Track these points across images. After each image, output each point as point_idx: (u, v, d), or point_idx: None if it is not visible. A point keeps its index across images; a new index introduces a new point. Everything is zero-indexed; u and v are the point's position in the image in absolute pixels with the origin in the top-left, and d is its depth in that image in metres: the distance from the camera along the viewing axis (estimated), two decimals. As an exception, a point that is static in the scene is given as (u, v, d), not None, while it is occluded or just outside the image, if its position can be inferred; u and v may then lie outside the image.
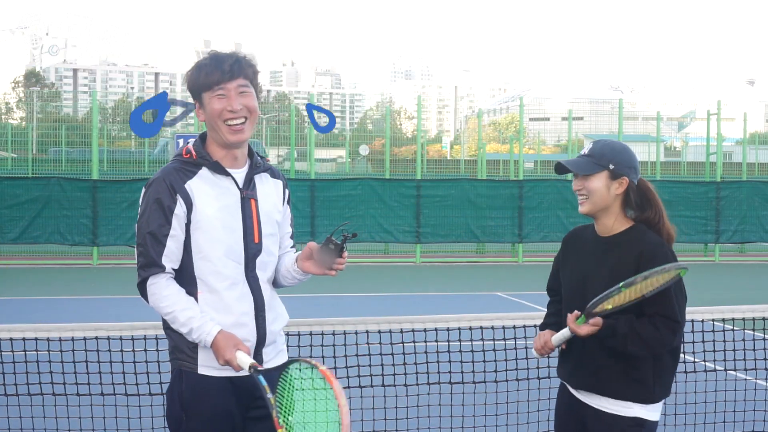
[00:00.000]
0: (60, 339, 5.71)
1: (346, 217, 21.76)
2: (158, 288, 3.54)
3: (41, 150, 31.19)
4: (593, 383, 3.83)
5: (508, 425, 6.27)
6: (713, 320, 6.14)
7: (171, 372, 3.67)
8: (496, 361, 6.06)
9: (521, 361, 6.03)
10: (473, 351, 6.09)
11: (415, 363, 6.02)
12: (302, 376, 3.36)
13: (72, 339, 5.63)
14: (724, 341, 6.44)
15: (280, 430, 3.31)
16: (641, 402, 3.78)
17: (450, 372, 6.02)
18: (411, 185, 22.49)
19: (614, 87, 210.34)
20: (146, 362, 5.79)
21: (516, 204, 22.80)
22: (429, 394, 6.13)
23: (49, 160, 28.10)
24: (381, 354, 6.07)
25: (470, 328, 5.83)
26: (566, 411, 4.01)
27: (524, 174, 27.41)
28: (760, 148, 35.07)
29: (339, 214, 21.81)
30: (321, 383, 3.28)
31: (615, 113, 27.53)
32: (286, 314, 3.81)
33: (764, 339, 6.61)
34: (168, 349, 3.68)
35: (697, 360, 6.58)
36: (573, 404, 3.95)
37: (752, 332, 6.65)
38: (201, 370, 3.56)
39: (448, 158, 52.37)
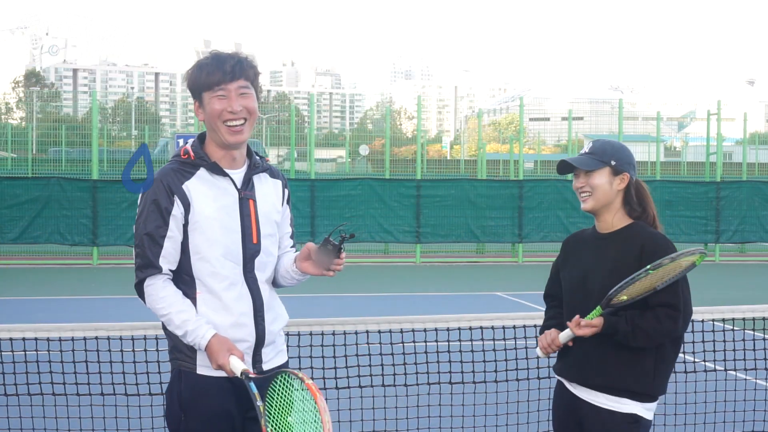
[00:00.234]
0: (60, 339, 5.71)
1: (346, 217, 21.76)
2: (155, 289, 3.54)
3: (41, 150, 31.17)
4: (590, 379, 3.85)
5: (508, 425, 6.27)
6: (713, 320, 6.14)
7: (170, 372, 3.67)
8: (496, 361, 6.06)
9: (521, 361, 6.03)
10: (473, 351, 6.09)
11: (415, 363, 6.02)
12: (290, 388, 3.36)
13: (72, 339, 5.63)
14: (724, 341, 6.43)
15: None
16: (640, 394, 3.80)
17: (450, 372, 6.01)
18: (411, 185, 22.49)
19: (614, 87, 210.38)
20: (146, 362, 5.78)
21: (516, 204, 22.80)
22: (429, 394, 6.13)
23: (49, 160, 28.09)
24: (381, 354, 6.07)
25: (470, 328, 5.83)
26: (563, 409, 4.02)
27: (524, 174, 27.41)
28: (760, 148, 35.04)
29: (339, 214, 21.80)
30: (307, 397, 3.29)
31: (615, 113, 27.52)
32: (286, 314, 3.81)
33: (764, 339, 6.61)
34: (167, 349, 3.68)
35: (697, 360, 6.58)
36: (570, 401, 3.96)
37: (752, 332, 6.65)
38: (200, 370, 3.56)
39: (448, 158, 52.33)
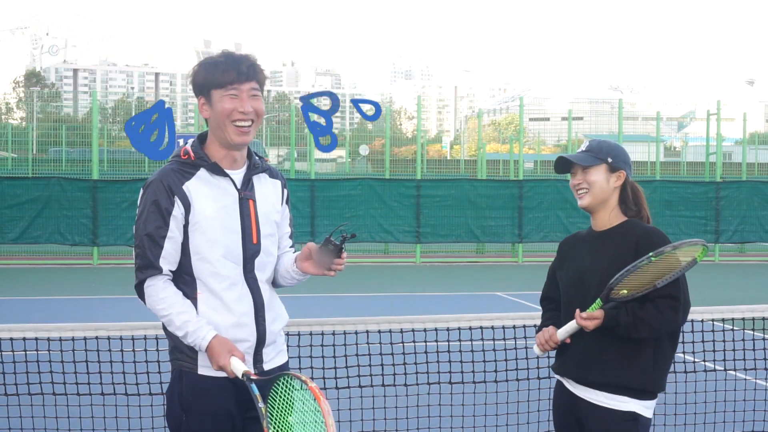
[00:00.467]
0: (60, 339, 5.71)
1: (346, 217, 21.76)
2: (155, 290, 3.54)
3: (41, 150, 31.19)
4: (589, 377, 3.84)
5: (508, 425, 6.27)
6: (713, 320, 6.14)
7: (171, 372, 3.67)
8: (496, 361, 6.06)
9: (521, 361, 6.03)
10: (473, 351, 6.09)
11: (415, 363, 6.02)
12: (292, 390, 3.36)
13: (72, 339, 5.63)
14: (724, 341, 6.43)
15: None
16: (639, 391, 3.80)
17: (450, 372, 6.01)
18: (411, 185, 22.50)
19: (614, 87, 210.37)
20: (146, 362, 5.79)
21: (516, 204, 22.80)
22: (429, 394, 6.13)
23: (49, 160, 28.11)
24: (381, 354, 6.07)
25: (470, 328, 5.83)
26: (563, 408, 4.02)
27: (524, 174, 27.41)
28: (760, 148, 35.08)
29: (339, 214, 21.81)
30: (310, 399, 3.28)
31: (615, 113, 27.53)
32: (286, 314, 3.81)
33: (764, 339, 6.61)
34: (168, 350, 3.68)
35: (697, 360, 6.58)
36: (569, 400, 3.96)
37: (752, 332, 6.65)
38: (201, 371, 3.56)
39: (448, 158, 52.37)
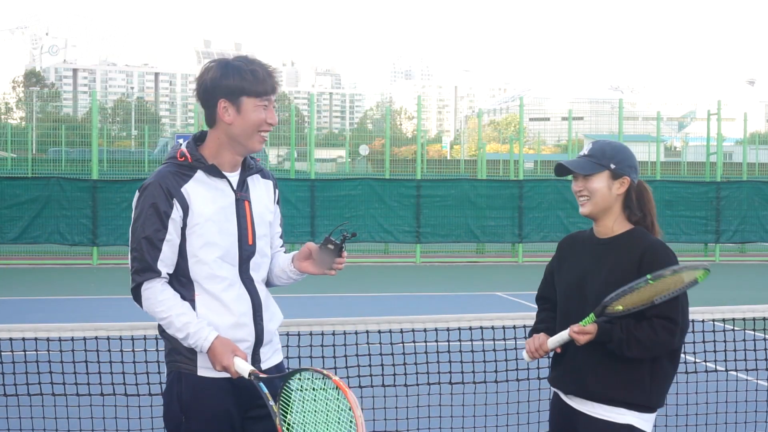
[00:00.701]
0: (60, 339, 5.71)
1: (346, 218, 21.76)
2: (153, 293, 3.54)
3: (41, 150, 31.19)
4: (586, 389, 3.74)
5: (509, 425, 6.27)
6: (713, 320, 6.13)
7: (167, 374, 3.66)
8: (496, 361, 6.05)
9: (521, 361, 6.01)
10: (473, 351, 6.09)
11: (415, 363, 6.02)
12: (313, 386, 3.35)
13: (72, 339, 5.63)
14: (725, 341, 6.43)
15: None
16: (637, 406, 3.69)
17: (450, 372, 6.01)
18: (411, 185, 22.50)
19: (614, 87, 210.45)
20: (146, 362, 5.79)
21: (516, 204, 22.80)
22: (429, 394, 6.13)
23: (49, 160, 28.12)
24: (381, 354, 6.07)
25: (470, 328, 5.82)
26: (560, 421, 3.91)
27: (524, 174, 27.41)
28: (760, 148, 35.04)
29: (339, 214, 21.81)
30: (334, 394, 3.27)
31: (615, 113, 27.53)
32: (281, 314, 3.83)
33: (764, 339, 6.61)
34: (164, 352, 3.68)
35: (698, 360, 6.57)
36: (566, 413, 3.85)
37: (752, 332, 6.64)
38: (200, 372, 3.56)
39: (448, 158, 52.37)
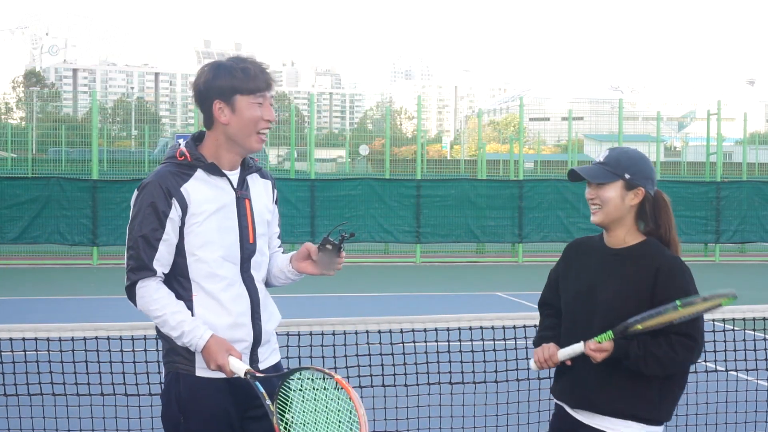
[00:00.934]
0: (60, 339, 5.71)
1: (346, 218, 21.76)
2: (148, 291, 3.53)
3: (41, 150, 31.19)
4: (593, 402, 3.65)
5: (509, 425, 6.27)
6: (713, 320, 6.13)
7: (166, 375, 3.66)
8: (496, 361, 6.05)
9: (521, 361, 6.02)
10: (473, 351, 6.09)
11: (415, 363, 6.01)
12: (314, 386, 3.34)
13: (72, 339, 5.63)
14: (725, 341, 6.43)
15: None
16: (645, 422, 3.63)
17: (450, 372, 6.01)
18: (411, 185, 22.50)
19: (614, 87, 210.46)
20: (146, 362, 5.78)
21: (516, 204, 22.80)
22: (429, 394, 6.12)
23: (49, 160, 28.12)
24: (381, 354, 6.06)
25: (470, 328, 5.82)
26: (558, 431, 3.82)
27: (524, 174, 27.41)
28: (760, 148, 35.05)
29: (339, 214, 21.81)
30: (336, 393, 3.26)
31: (615, 113, 27.52)
32: (279, 314, 3.82)
33: (764, 339, 6.61)
34: (162, 352, 3.67)
35: (698, 360, 6.57)
36: (570, 426, 3.75)
37: (752, 332, 6.64)
38: (198, 372, 3.55)
39: (448, 158, 52.37)
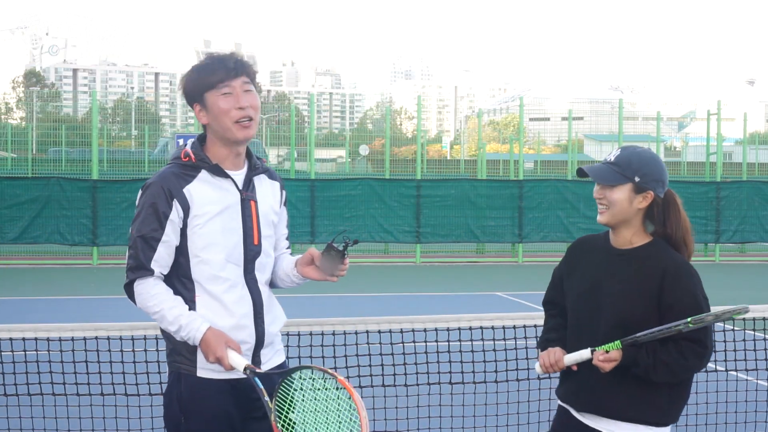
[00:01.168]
0: (60, 339, 5.70)
1: (346, 218, 21.76)
2: (145, 288, 3.53)
3: (41, 150, 31.19)
4: (601, 405, 3.61)
5: (509, 425, 6.26)
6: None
7: (168, 374, 3.66)
8: (496, 361, 6.05)
9: (521, 361, 6.02)
10: (473, 351, 6.09)
11: (415, 363, 6.01)
12: (314, 385, 3.33)
13: (72, 339, 5.63)
14: (725, 341, 6.43)
15: None
16: (653, 425, 3.58)
17: (450, 372, 6.01)
18: (411, 185, 22.50)
19: (614, 87, 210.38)
20: (146, 362, 5.78)
21: (516, 204, 22.80)
22: (429, 394, 6.12)
23: (49, 160, 28.10)
24: (381, 354, 6.06)
25: (470, 328, 5.82)
26: None
27: (524, 174, 27.41)
28: (760, 148, 35.05)
29: (339, 214, 21.81)
30: (336, 393, 3.26)
31: (615, 113, 27.52)
32: (284, 315, 3.80)
33: (764, 339, 6.60)
34: (166, 352, 3.67)
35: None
36: (575, 429, 3.70)
37: (752, 332, 6.63)
38: (200, 373, 3.55)
39: (448, 158, 52.35)
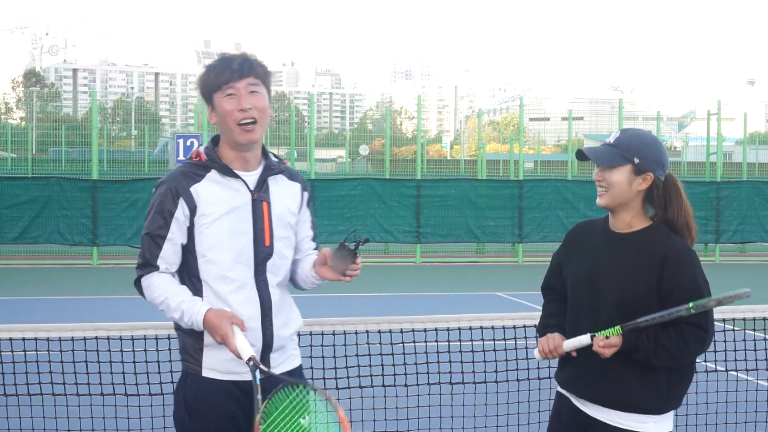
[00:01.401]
0: (60, 339, 5.70)
1: (346, 218, 21.76)
2: (150, 281, 3.55)
3: (41, 150, 31.21)
4: (602, 394, 3.57)
5: (509, 425, 6.26)
6: (713, 320, 6.12)
7: (181, 373, 3.67)
8: (497, 361, 6.04)
9: (521, 361, 6.02)
10: (473, 351, 6.08)
11: (415, 363, 6.01)
12: (316, 409, 3.32)
13: (72, 339, 5.62)
14: (725, 341, 6.42)
15: None
16: (653, 413, 3.56)
17: (450, 372, 6.00)
18: (411, 185, 22.50)
19: (614, 87, 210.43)
20: (146, 362, 5.77)
21: (516, 204, 22.80)
22: (429, 395, 6.12)
23: (49, 160, 28.13)
24: (381, 354, 6.05)
25: (470, 328, 5.81)
26: (567, 423, 3.71)
27: (524, 174, 27.41)
28: (760, 148, 35.07)
29: (339, 214, 21.80)
30: (332, 417, 3.26)
31: (615, 113, 27.53)
32: (299, 319, 3.76)
33: (764, 339, 6.60)
34: (178, 350, 3.68)
35: (698, 360, 6.56)
36: (574, 417, 3.66)
37: (752, 332, 6.63)
38: (205, 373, 3.55)
39: (448, 158, 52.37)
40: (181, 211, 3.53)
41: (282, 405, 3.34)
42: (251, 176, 3.61)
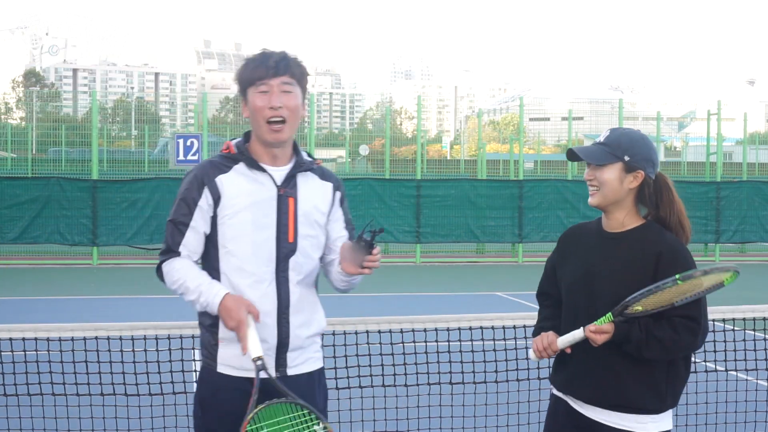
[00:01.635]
0: (60, 339, 5.70)
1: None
2: (171, 266, 3.55)
3: (41, 150, 31.21)
4: (599, 394, 3.54)
5: (509, 425, 6.26)
6: (713, 320, 6.10)
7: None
8: (497, 361, 6.04)
9: (521, 361, 6.02)
10: (473, 351, 6.08)
11: (415, 363, 6.01)
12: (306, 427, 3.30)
13: (72, 339, 5.62)
14: (725, 341, 6.42)
15: None
16: (652, 413, 3.54)
17: (450, 372, 6.01)
18: (411, 185, 22.50)
19: (614, 87, 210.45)
20: (146, 362, 5.78)
21: (516, 204, 22.81)
22: (429, 395, 6.12)
23: (49, 160, 28.14)
24: (381, 354, 6.05)
25: (470, 328, 5.81)
26: (562, 426, 3.68)
27: (524, 174, 27.41)
28: (760, 148, 35.10)
29: (339, 214, 21.79)
30: None
31: (615, 113, 27.53)
32: (322, 321, 3.74)
33: (764, 339, 6.60)
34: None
35: (698, 360, 6.55)
36: (572, 419, 3.63)
37: (752, 332, 6.63)
38: (220, 369, 3.55)
39: (448, 158, 52.36)
40: (205, 200, 3.53)
41: (280, 417, 3.32)
42: (279, 171, 3.59)
